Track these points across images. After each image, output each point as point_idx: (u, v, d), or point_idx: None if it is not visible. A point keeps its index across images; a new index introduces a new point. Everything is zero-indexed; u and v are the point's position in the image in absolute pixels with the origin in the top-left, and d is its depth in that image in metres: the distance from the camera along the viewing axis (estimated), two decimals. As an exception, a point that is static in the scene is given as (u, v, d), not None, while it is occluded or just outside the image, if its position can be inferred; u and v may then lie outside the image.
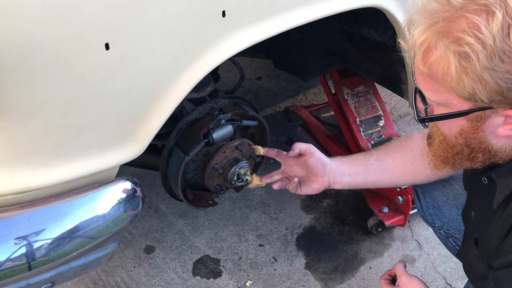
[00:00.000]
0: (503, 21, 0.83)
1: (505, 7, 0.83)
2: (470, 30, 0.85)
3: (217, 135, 1.60)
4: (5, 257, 1.07)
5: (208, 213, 2.41)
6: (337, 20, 1.75)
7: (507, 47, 0.84)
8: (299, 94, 3.22)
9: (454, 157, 1.08)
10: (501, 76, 0.86)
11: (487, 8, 0.84)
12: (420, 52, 0.93)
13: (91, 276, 2.11)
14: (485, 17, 0.84)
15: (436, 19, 0.89)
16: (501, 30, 0.83)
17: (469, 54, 0.86)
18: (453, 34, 0.87)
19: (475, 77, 0.87)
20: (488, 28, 0.84)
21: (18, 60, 0.94)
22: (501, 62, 0.85)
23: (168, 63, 1.14)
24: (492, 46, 0.84)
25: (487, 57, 0.85)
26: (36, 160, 1.10)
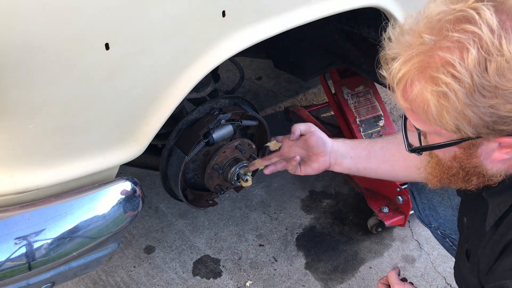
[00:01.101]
0: (478, 56, 0.80)
1: (479, 41, 0.81)
2: (445, 69, 0.83)
3: (217, 135, 1.60)
4: (5, 257, 1.07)
5: (208, 213, 2.41)
6: (337, 20, 1.75)
7: (486, 82, 0.81)
8: (299, 94, 3.22)
9: (450, 178, 1.06)
10: (484, 111, 0.84)
11: (460, 45, 0.82)
12: (399, 89, 0.91)
13: (91, 276, 2.11)
14: (459, 54, 0.82)
15: (410, 55, 0.87)
16: (478, 65, 0.81)
17: (447, 93, 0.84)
18: (429, 73, 0.85)
19: (456, 115, 0.86)
20: (463, 66, 0.81)
21: (18, 60, 0.94)
22: (483, 97, 0.83)
23: (168, 63, 1.14)
24: (470, 83, 0.82)
25: (467, 94, 0.83)
26: (36, 160, 1.10)
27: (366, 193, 2.31)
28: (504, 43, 0.80)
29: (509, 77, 0.80)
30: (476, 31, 0.81)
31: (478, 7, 0.82)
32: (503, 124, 0.86)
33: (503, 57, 0.80)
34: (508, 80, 0.81)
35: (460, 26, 0.82)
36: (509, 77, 0.81)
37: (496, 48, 0.80)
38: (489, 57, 0.80)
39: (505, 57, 0.80)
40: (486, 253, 1.07)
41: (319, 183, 2.58)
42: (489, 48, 0.80)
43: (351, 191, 2.53)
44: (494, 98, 0.82)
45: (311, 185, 2.57)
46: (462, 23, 0.82)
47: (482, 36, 0.80)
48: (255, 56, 2.34)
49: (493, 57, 0.80)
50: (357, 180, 2.38)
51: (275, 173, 1.59)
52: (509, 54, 0.79)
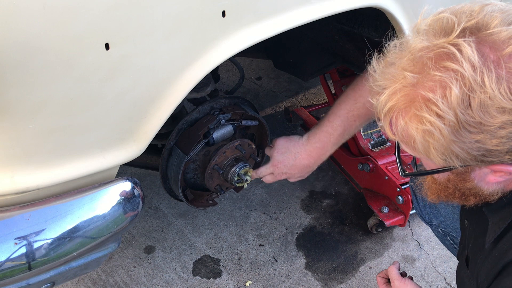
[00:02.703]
0: (461, 94, 0.80)
1: (461, 79, 0.80)
2: (429, 107, 0.83)
3: (217, 135, 1.60)
4: (5, 257, 1.07)
5: (208, 213, 2.41)
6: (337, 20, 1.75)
7: (471, 118, 0.81)
8: (299, 94, 3.22)
9: (447, 196, 1.07)
10: (471, 146, 0.84)
11: (443, 83, 0.81)
12: (385, 121, 0.92)
13: (91, 276, 2.11)
14: (442, 93, 0.81)
15: (394, 90, 0.87)
16: (461, 102, 0.80)
17: (431, 131, 0.84)
18: (413, 111, 0.85)
19: (443, 150, 0.86)
20: (446, 104, 0.81)
21: (18, 60, 0.94)
22: (468, 133, 0.82)
23: (168, 63, 1.14)
24: (454, 121, 0.82)
25: (452, 131, 0.83)
26: (36, 160, 1.10)
27: (366, 193, 2.31)
28: (486, 80, 0.79)
29: (493, 113, 0.80)
30: (458, 69, 0.80)
31: (459, 44, 0.81)
32: (492, 157, 0.86)
33: (486, 94, 0.79)
34: (492, 116, 0.80)
35: (442, 64, 0.82)
36: (493, 114, 0.80)
37: (478, 85, 0.79)
38: (472, 94, 0.80)
39: (488, 94, 0.79)
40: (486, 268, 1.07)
41: (319, 183, 2.58)
42: (471, 85, 0.80)
43: (351, 191, 2.53)
44: (480, 134, 0.82)
45: (311, 185, 2.57)
46: (444, 61, 0.82)
47: (464, 74, 0.80)
48: (255, 56, 2.34)
49: (476, 94, 0.79)
50: (357, 180, 2.38)
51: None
52: (492, 91, 0.79)
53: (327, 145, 1.56)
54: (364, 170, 2.26)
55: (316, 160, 1.58)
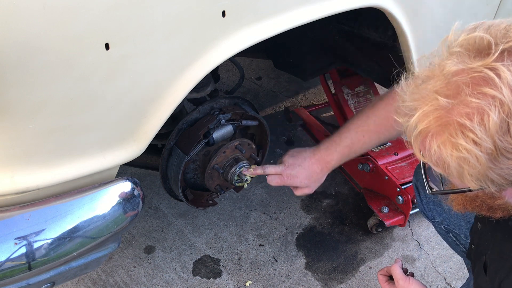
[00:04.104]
0: (500, 120, 0.77)
1: (500, 105, 0.77)
2: (465, 134, 0.79)
3: (217, 135, 1.60)
4: (5, 257, 1.07)
5: (208, 213, 2.41)
6: (337, 20, 1.75)
7: (509, 145, 0.78)
8: (299, 94, 3.22)
9: (474, 208, 1.04)
10: (509, 172, 0.81)
11: (480, 110, 0.78)
12: (416, 144, 0.88)
13: (91, 276, 2.11)
14: (479, 120, 0.78)
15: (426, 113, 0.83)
16: (500, 129, 0.77)
17: (468, 159, 0.81)
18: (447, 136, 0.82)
19: (479, 177, 0.83)
20: (483, 131, 0.78)
21: (18, 60, 0.94)
22: (507, 159, 0.79)
23: (168, 63, 1.14)
24: (492, 148, 0.78)
25: (489, 159, 0.80)
26: (36, 160, 1.10)
27: (366, 193, 2.31)
28: None
29: None
30: (497, 95, 0.77)
31: (498, 68, 0.78)
32: None
33: None
34: None
35: (479, 90, 0.78)
36: None
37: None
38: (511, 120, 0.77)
39: None
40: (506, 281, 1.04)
41: (319, 183, 2.58)
42: (511, 111, 0.77)
43: (351, 191, 2.53)
44: None
45: (311, 185, 2.57)
46: (481, 86, 0.78)
47: (503, 100, 0.77)
48: (255, 56, 2.34)
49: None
50: (357, 180, 2.38)
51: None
52: None
53: (333, 154, 1.57)
54: (364, 170, 2.26)
55: (322, 168, 1.58)
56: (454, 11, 1.68)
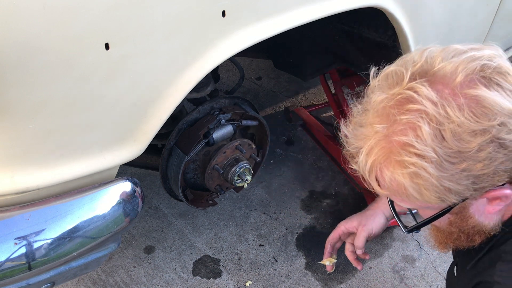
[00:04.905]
0: (432, 129, 0.83)
1: (426, 116, 0.83)
2: (406, 150, 0.85)
3: (217, 135, 1.60)
4: (5, 257, 1.07)
5: (208, 213, 2.41)
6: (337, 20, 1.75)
7: (449, 150, 0.84)
8: (299, 94, 3.22)
9: (454, 242, 1.09)
10: (460, 177, 0.86)
11: (411, 125, 0.84)
12: (372, 179, 0.94)
13: (91, 276, 2.10)
14: (414, 134, 0.84)
15: (370, 146, 0.90)
16: (435, 137, 0.83)
17: (417, 172, 0.86)
18: (393, 158, 0.88)
19: (435, 188, 0.88)
20: (421, 143, 0.84)
21: (18, 60, 0.94)
22: (452, 165, 0.85)
23: (168, 63, 1.14)
24: (435, 156, 0.84)
25: (436, 167, 0.85)
26: (36, 160, 1.10)
27: (366, 193, 2.31)
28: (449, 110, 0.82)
29: (467, 138, 0.83)
30: (420, 108, 0.84)
31: (414, 86, 0.85)
32: (482, 182, 0.88)
33: (454, 123, 0.82)
34: (468, 141, 0.83)
35: (404, 108, 0.85)
36: (467, 139, 0.83)
37: (444, 117, 0.83)
38: (442, 127, 0.83)
39: (456, 122, 0.82)
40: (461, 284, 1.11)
41: (319, 183, 2.58)
42: (438, 119, 0.83)
43: (351, 191, 2.53)
44: (463, 162, 0.84)
45: (311, 185, 2.57)
46: (405, 105, 0.85)
47: (427, 111, 0.83)
48: (255, 56, 2.34)
49: (445, 126, 0.83)
50: (357, 180, 2.38)
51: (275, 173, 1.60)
52: (458, 119, 0.82)
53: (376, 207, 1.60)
54: (364, 170, 2.26)
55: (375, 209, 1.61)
56: (454, 11, 1.68)
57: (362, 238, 1.53)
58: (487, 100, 0.82)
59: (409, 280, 2.12)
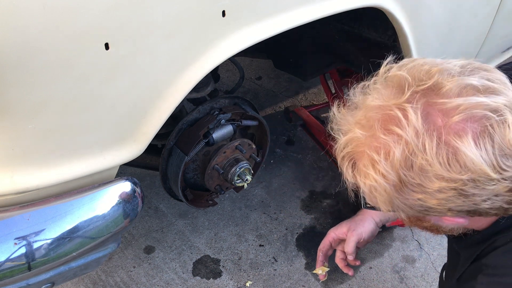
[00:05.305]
0: (403, 157, 0.84)
1: (404, 143, 0.83)
2: (373, 166, 0.87)
3: (217, 135, 1.60)
4: (5, 257, 1.07)
5: (208, 213, 2.41)
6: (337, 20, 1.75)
7: (412, 180, 0.85)
8: (299, 94, 3.22)
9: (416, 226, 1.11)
10: (413, 203, 0.88)
11: (386, 146, 0.85)
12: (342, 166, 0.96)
13: (91, 276, 2.10)
14: (385, 155, 0.85)
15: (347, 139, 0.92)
16: (404, 164, 0.84)
17: (376, 188, 0.88)
18: (361, 166, 0.90)
19: (388, 204, 0.90)
20: (388, 166, 0.85)
21: (18, 60, 0.94)
22: (412, 191, 0.86)
23: (168, 63, 1.14)
24: (396, 181, 0.86)
25: (395, 189, 0.87)
26: (36, 160, 1.10)
27: (366, 193, 2.31)
28: (427, 147, 0.82)
29: (432, 178, 0.83)
30: (402, 134, 0.83)
31: (406, 109, 0.84)
32: (434, 212, 0.90)
33: (426, 160, 0.82)
34: (431, 181, 0.83)
35: (388, 127, 0.86)
36: (432, 179, 0.83)
37: (420, 150, 0.83)
38: (414, 158, 0.83)
39: (428, 161, 0.82)
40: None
41: (319, 183, 2.58)
42: (413, 150, 0.83)
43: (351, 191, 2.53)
44: (422, 193, 0.86)
45: (311, 185, 2.57)
46: (390, 124, 0.85)
47: (407, 139, 0.83)
48: (255, 56, 2.34)
49: (417, 158, 0.83)
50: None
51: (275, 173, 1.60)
52: (431, 159, 0.82)
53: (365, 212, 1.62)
54: (364, 170, 2.26)
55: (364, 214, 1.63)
56: (454, 11, 1.68)
57: (351, 243, 1.54)
58: (465, 157, 0.80)
59: (409, 280, 2.11)
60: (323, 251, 1.63)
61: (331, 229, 1.63)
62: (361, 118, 0.90)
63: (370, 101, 0.90)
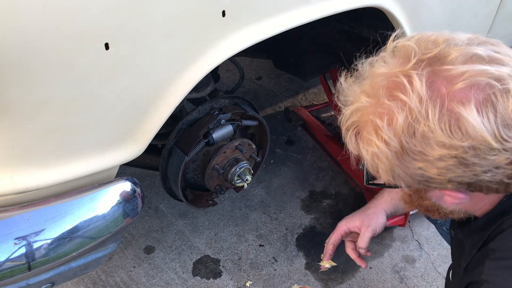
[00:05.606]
0: (406, 123, 0.84)
1: (408, 110, 0.84)
2: (377, 132, 0.88)
3: (217, 135, 1.60)
4: (5, 257, 1.07)
5: (208, 213, 2.41)
6: (337, 20, 1.75)
7: (414, 147, 0.85)
8: (299, 94, 3.22)
9: (416, 207, 1.11)
10: (414, 172, 0.88)
11: (390, 112, 0.86)
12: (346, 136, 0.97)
13: (91, 276, 2.10)
14: (388, 121, 0.86)
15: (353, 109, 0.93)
16: (406, 131, 0.84)
17: (378, 154, 0.89)
18: (364, 133, 0.91)
19: (389, 173, 0.91)
20: (391, 131, 0.86)
21: (18, 60, 0.94)
22: (413, 160, 0.86)
23: (168, 63, 1.14)
24: (398, 147, 0.86)
25: (396, 157, 0.87)
26: (36, 160, 1.10)
27: (366, 193, 2.31)
28: (430, 114, 0.82)
29: (433, 146, 0.83)
30: (406, 100, 0.84)
31: (411, 75, 0.84)
32: (434, 183, 0.90)
33: (429, 127, 0.83)
34: (433, 148, 0.84)
35: (392, 93, 0.86)
36: (433, 146, 0.83)
37: (423, 117, 0.83)
38: (417, 125, 0.84)
39: (430, 127, 0.83)
40: None
41: (319, 183, 2.58)
42: (417, 116, 0.83)
43: (351, 191, 2.53)
44: (423, 162, 0.86)
45: (311, 185, 2.57)
46: (394, 91, 0.86)
47: (411, 106, 0.83)
48: (255, 56, 2.34)
49: (420, 125, 0.83)
50: (357, 180, 2.38)
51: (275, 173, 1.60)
52: (433, 126, 0.82)
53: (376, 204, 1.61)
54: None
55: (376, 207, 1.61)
56: (454, 11, 1.68)
57: (366, 239, 1.53)
58: (467, 124, 0.80)
59: (409, 281, 2.12)
60: (334, 244, 1.61)
61: (343, 222, 1.60)
62: (367, 86, 0.91)
63: (376, 69, 0.91)
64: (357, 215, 1.58)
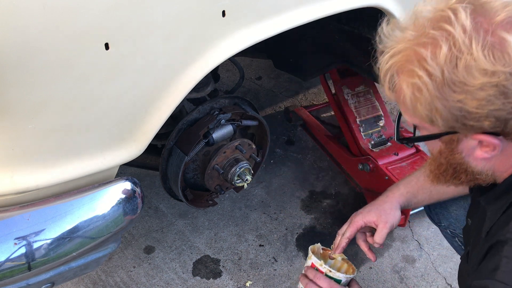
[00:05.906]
0: (450, 53, 0.86)
1: (452, 39, 0.86)
2: (420, 63, 0.89)
3: (217, 135, 1.60)
4: (5, 257, 1.07)
5: (208, 213, 2.41)
6: (337, 20, 1.75)
7: (456, 78, 0.87)
8: (299, 94, 3.22)
9: (443, 174, 1.11)
10: (453, 105, 0.89)
11: (435, 41, 0.88)
12: (385, 80, 0.98)
13: (91, 276, 2.10)
14: (432, 50, 0.88)
15: (397, 49, 0.94)
16: (449, 61, 0.86)
17: (419, 86, 0.90)
18: (408, 66, 0.92)
19: (427, 106, 0.92)
20: (434, 61, 0.87)
21: (18, 60, 0.94)
22: (453, 92, 0.88)
23: (168, 63, 1.14)
24: (440, 78, 0.88)
25: (437, 88, 0.89)
26: (36, 160, 1.10)
27: (366, 193, 2.31)
28: (474, 43, 0.85)
29: (476, 74, 0.85)
30: (451, 30, 0.87)
31: (456, 8, 0.88)
32: (472, 120, 0.91)
33: (472, 55, 0.85)
34: (475, 77, 0.85)
35: (437, 24, 0.89)
36: (475, 75, 0.85)
37: (466, 47, 0.85)
38: (460, 55, 0.86)
39: (473, 56, 0.85)
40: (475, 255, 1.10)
41: (319, 183, 2.58)
42: (460, 46, 0.86)
43: (351, 191, 2.53)
44: (462, 93, 0.88)
45: (311, 185, 2.57)
46: (440, 22, 0.89)
47: (454, 35, 0.86)
48: (255, 56, 2.34)
49: (463, 55, 0.86)
50: (358, 180, 2.38)
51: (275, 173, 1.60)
52: (477, 53, 0.85)
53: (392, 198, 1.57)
54: (364, 170, 2.26)
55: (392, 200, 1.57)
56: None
57: (384, 235, 1.48)
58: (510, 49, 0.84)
59: (409, 280, 2.12)
60: (350, 238, 1.55)
61: (359, 216, 1.56)
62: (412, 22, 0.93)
63: (421, 7, 0.94)
64: (374, 210, 1.55)
